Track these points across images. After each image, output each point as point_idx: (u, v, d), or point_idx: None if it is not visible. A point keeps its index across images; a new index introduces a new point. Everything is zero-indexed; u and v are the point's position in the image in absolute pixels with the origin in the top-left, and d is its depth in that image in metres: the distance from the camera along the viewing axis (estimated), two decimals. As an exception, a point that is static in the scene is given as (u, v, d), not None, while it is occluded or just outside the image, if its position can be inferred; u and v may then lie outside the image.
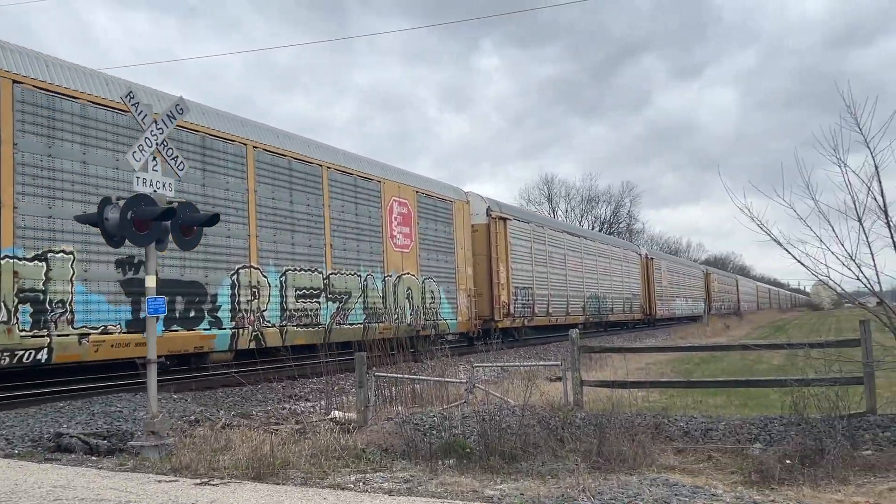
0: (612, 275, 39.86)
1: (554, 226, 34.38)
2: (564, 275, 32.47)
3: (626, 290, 42.55)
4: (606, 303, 38.22)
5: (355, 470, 6.69)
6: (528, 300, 27.89)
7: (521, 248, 27.70)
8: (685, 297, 58.72)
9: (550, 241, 31.25)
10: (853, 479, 6.12)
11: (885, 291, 8.37)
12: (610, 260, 40.08)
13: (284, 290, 15.78)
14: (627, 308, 42.35)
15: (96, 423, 9.83)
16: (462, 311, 23.47)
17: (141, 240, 7.94)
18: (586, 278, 35.51)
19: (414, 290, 20.73)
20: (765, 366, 16.78)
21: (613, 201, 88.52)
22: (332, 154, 18.39)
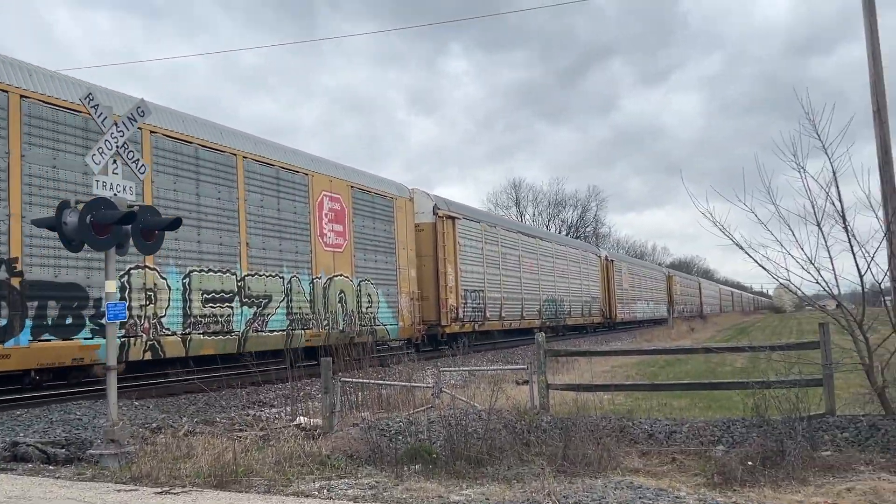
0: (570, 277, 38.59)
1: (507, 226, 32.50)
2: (519, 277, 31.05)
3: (585, 292, 41.26)
4: (564, 306, 36.87)
5: (320, 477, 6.63)
6: (480, 304, 26.55)
7: (471, 249, 26.35)
8: (647, 299, 57.67)
9: (504, 241, 29.91)
10: (813, 480, 6.21)
11: (843, 294, 8.54)
12: (568, 262, 38.70)
13: (188, 294, 14.06)
14: (586, 311, 41.02)
15: (54, 432, 9.62)
16: (404, 315, 21.88)
17: (101, 244, 7.79)
18: (543, 281, 34.08)
19: (348, 293, 19.13)
20: (728, 368, 17.00)
21: (580, 205, 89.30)
22: (250, 142, 16.56)
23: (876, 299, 9.19)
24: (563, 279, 37.33)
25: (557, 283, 36.22)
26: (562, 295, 36.71)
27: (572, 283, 38.93)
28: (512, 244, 30.78)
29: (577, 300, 39.48)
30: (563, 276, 37.41)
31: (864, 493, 5.75)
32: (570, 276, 38.80)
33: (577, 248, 42.41)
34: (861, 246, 8.07)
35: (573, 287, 39.08)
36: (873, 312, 8.35)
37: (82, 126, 12.25)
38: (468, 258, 25.98)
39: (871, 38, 11.01)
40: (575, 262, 40.04)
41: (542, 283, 33.85)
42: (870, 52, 10.98)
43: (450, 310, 23.91)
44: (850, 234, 8.05)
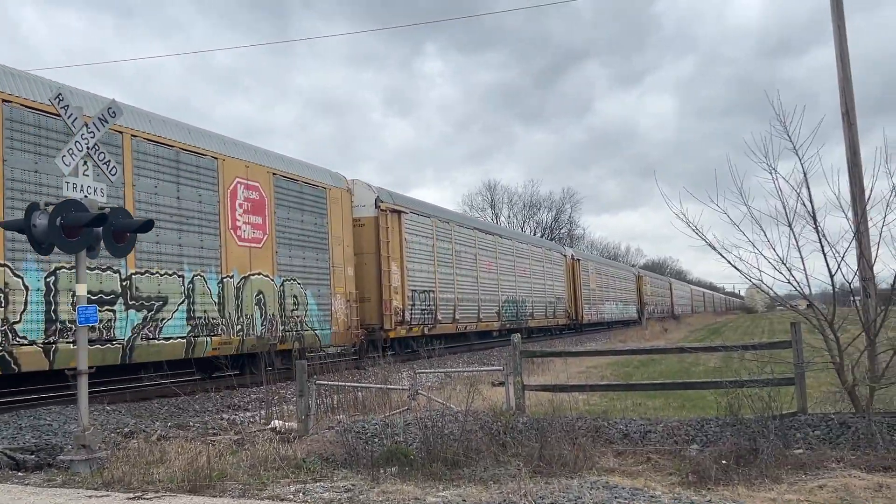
0: (533, 277, 36.33)
1: (462, 222, 29.73)
2: (475, 277, 28.76)
3: (549, 293, 38.93)
4: (526, 307, 34.62)
5: (295, 480, 6.58)
6: (430, 305, 24.22)
7: (420, 246, 24.17)
8: (616, 300, 55.79)
9: (458, 238, 27.57)
10: (786, 478, 6.29)
11: (814, 294, 8.65)
12: (530, 261, 36.35)
13: (54, 296, 11.79)
14: (550, 313, 38.69)
15: (24, 438, 9.45)
16: (339, 319, 19.35)
17: (71, 247, 7.67)
18: (502, 280, 32.00)
19: (268, 293, 16.62)
20: (702, 368, 17.16)
21: (555, 207, 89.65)
22: (142, 119, 14.17)
23: (846, 299, 9.33)
24: (525, 279, 35.19)
25: (519, 283, 34.12)
26: (523, 295, 34.54)
27: (535, 283, 36.79)
28: (467, 241, 28.60)
29: (541, 301, 37.36)
30: (525, 275, 35.25)
31: (835, 489, 5.83)
32: (534, 275, 36.66)
33: (540, 246, 40.00)
34: (832, 246, 8.19)
35: (536, 287, 36.89)
36: (843, 312, 8.47)
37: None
38: (417, 256, 23.91)
39: (839, 41, 11.17)
40: (538, 260, 37.81)
41: (501, 282, 31.86)
42: (838, 55, 11.14)
43: (394, 312, 21.71)
44: (820, 235, 8.16)
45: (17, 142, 11.56)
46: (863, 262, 9.13)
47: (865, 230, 9.55)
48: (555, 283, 40.25)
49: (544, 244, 42.88)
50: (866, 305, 9.06)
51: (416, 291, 23.45)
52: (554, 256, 41.40)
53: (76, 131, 7.90)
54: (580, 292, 44.66)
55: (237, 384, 13.38)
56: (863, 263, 9.11)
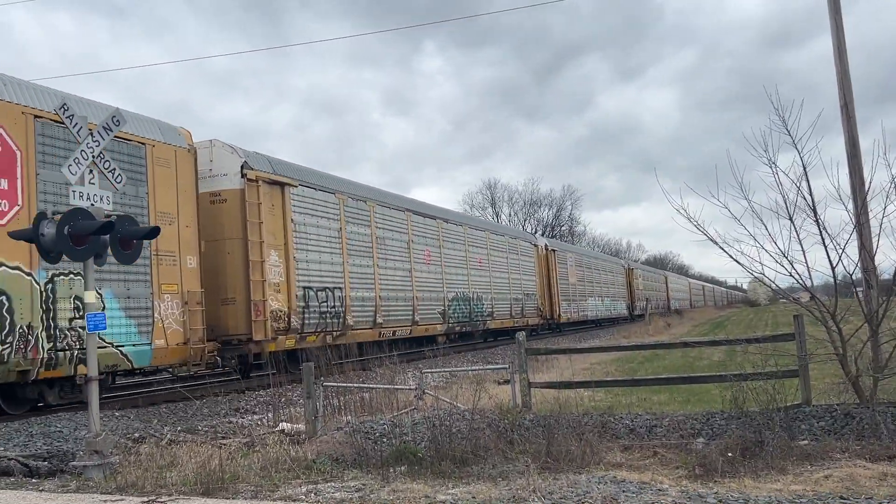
0: (493, 270, 30.69)
1: (387, 201, 23.18)
2: (408, 270, 23.06)
3: (515, 288, 33.25)
4: (482, 305, 29.07)
5: (306, 481, 6.65)
6: (336, 307, 18.68)
7: (319, 230, 18.51)
8: (601, 296, 50.01)
9: (383, 222, 21.99)
10: (791, 469, 6.35)
11: (816, 287, 8.71)
12: (489, 251, 30.56)
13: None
14: (517, 311, 33.20)
15: (35, 445, 9.54)
16: (167, 329, 13.83)
17: (79, 255, 7.75)
18: (450, 275, 26.25)
19: (17, 295, 11.15)
20: (706, 362, 17.24)
21: (555, 205, 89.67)
22: None
23: (848, 290, 9.40)
24: (481, 272, 29.51)
25: (473, 278, 28.53)
26: (480, 292, 29.01)
27: (497, 277, 31.18)
28: (397, 226, 22.94)
29: (504, 298, 31.87)
30: (481, 268, 29.59)
31: (841, 479, 5.90)
32: (494, 268, 30.99)
33: (502, 233, 34.07)
34: (832, 238, 8.26)
35: (498, 282, 31.34)
36: (846, 303, 8.54)
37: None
38: (314, 243, 18.34)
39: (836, 33, 11.23)
40: (500, 251, 32.17)
41: (448, 277, 26.13)
42: (836, 48, 11.20)
43: (274, 317, 16.25)
44: (821, 227, 8.23)
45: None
46: (864, 254, 9.19)
47: (866, 221, 9.61)
48: (522, 277, 34.53)
49: (508, 231, 36.95)
50: (868, 296, 9.12)
51: (313, 289, 17.81)
52: (522, 246, 35.40)
53: (81, 140, 7.97)
54: (556, 287, 38.75)
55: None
56: (864, 255, 9.17)
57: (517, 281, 33.83)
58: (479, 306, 28.97)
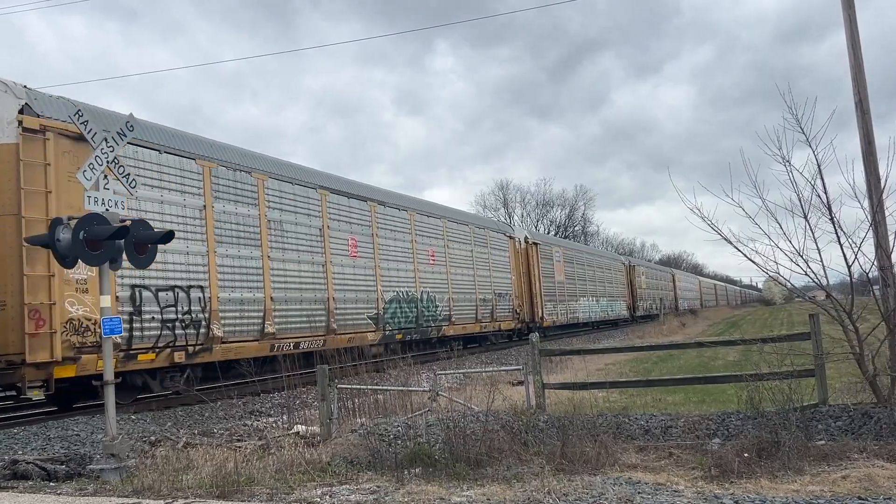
0: (451, 265, 25.77)
1: (288, 174, 17.84)
2: (323, 263, 18.30)
3: (483, 287, 28.08)
4: (435, 308, 24.13)
5: (321, 483, 6.67)
6: (193, 312, 14.09)
7: (164, 208, 13.85)
8: (596, 295, 44.78)
9: (279, 201, 17.04)
10: (808, 469, 6.31)
11: (832, 285, 8.65)
12: (446, 242, 25.68)
13: None
14: (485, 314, 28.02)
15: (53, 448, 9.63)
16: None
17: (94, 259, 7.82)
18: (387, 270, 21.50)
19: None
20: (721, 362, 17.15)
21: (568, 205, 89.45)
22: None
23: (864, 289, 9.32)
24: (435, 267, 24.61)
25: (423, 274, 23.68)
26: (432, 290, 24.11)
27: (458, 274, 26.14)
28: (302, 207, 17.90)
29: (467, 298, 26.77)
30: (434, 262, 24.63)
31: (858, 479, 5.85)
32: (454, 263, 25.98)
33: (466, 222, 28.31)
34: (848, 236, 8.20)
35: (460, 279, 26.25)
36: (862, 302, 8.47)
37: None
38: (154, 224, 12.99)
39: (850, 28, 11.14)
40: (462, 242, 27.09)
41: (383, 273, 21.30)
42: (850, 43, 11.11)
43: (73, 328, 11.74)
44: (836, 225, 8.17)
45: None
46: (880, 252, 9.10)
47: (882, 219, 9.52)
48: (493, 274, 29.36)
49: (475, 220, 30.54)
50: (885, 294, 9.04)
51: (149, 288, 13.27)
52: (493, 238, 30.22)
53: (96, 146, 8.04)
54: (538, 286, 33.74)
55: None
56: (880, 252, 9.09)
57: (485, 278, 28.61)
58: (432, 309, 23.88)
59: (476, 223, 29.64)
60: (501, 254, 30.91)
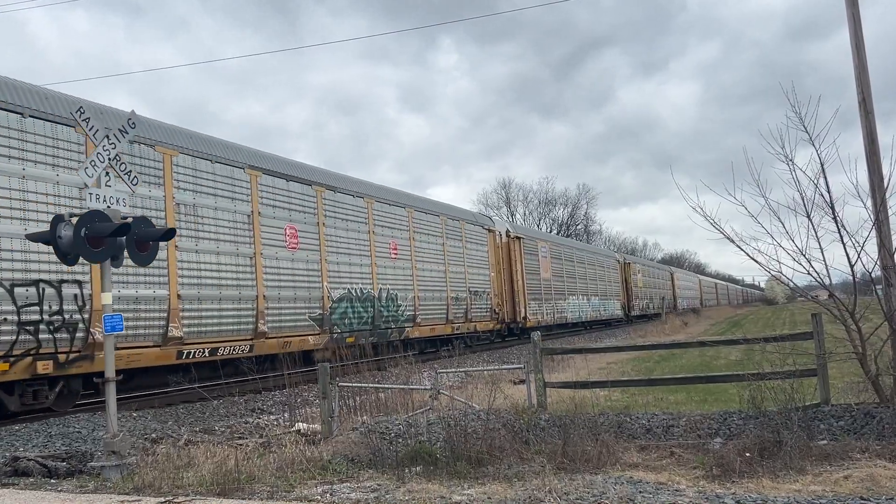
0: (418, 260, 23.25)
1: (204, 149, 15.15)
2: (251, 255, 15.74)
3: (456, 284, 25.61)
4: (397, 307, 21.56)
5: (322, 481, 6.67)
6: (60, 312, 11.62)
7: (13, 183, 11.27)
8: (587, 294, 42.30)
9: (193, 181, 14.54)
10: (810, 469, 6.29)
11: (834, 284, 8.62)
12: (412, 234, 23.13)
13: None
14: (458, 314, 25.46)
15: (54, 445, 9.63)
16: None
17: (96, 256, 7.81)
18: (336, 264, 18.85)
19: None
20: (723, 361, 17.12)
21: (570, 203, 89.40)
22: None
23: (867, 288, 9.30)
24: (398, 262, 22.05)
25: (383, 269, 21.17)
26: (394, 288, 21.58)
27: (426, 270, 23.68)
28: (225, 189, 15.34)
29: (436, 297, 24.23)
30: (398, 257, 22.10)
31: (861, 479, 5.83)
32: (420, 257, 23.49)
33: (436, 212, 25.53)
34: (851, 236, 8.18)
35: (428, 275, 23.83)
36: (865, 302, 8.44)
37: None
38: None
39: (854, 27, 11.11)
40: (433, 235, 24.65)
41: (331, 267, 18.66)
42: (853, 42, 11.08)
43: None
44: (839, 225, 8.15)
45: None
46: (883, 251, 9.08)
47: (885, 218, 9.49)
48: (469, 270, 26.88)
49: (447, 211, 26.99)
50: (888, 294, 9.01)
51: (7, 284, 10.97)
52: (469, 231, 27.56)
53: (97, 143, 8.03)
54: (521, 283, 31.25)
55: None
56: (883, 252, 9.07)
57: (459, 275, 25.96)
58: (392, 308, 21.35)
59: (449, 214, 26.65)
60: (479, 248, 28.37)
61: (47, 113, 11.93)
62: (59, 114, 12.08)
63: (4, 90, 11.44)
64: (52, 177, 11.86)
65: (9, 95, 11.45)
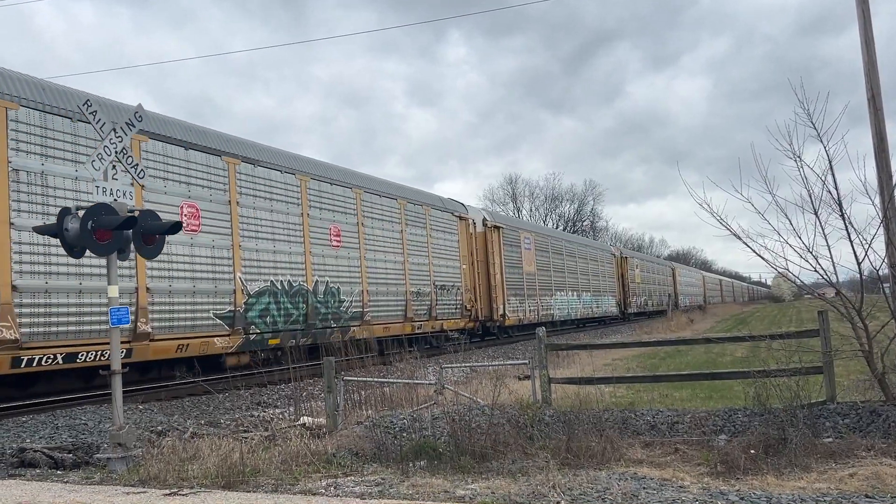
0: (368, 248, 20.27)
1: (52, 104, 12.13)
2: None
3: (418, 277, 22.88)
4: (338, 303, 18.54)
5: (326, 475, 6.68)
6: None
7: None
8: (577, 290, 39.44)
9: (38, 143, 11.81)
10: (815, 467, 6.27)
11: (841, 282, 8.59)
12: (361, 219, 20.10)
13: None
14: (421, 311, 22.67)
15: (61, 437, 9.68)
16: None
17: (102, 249, 7.84)
18: (256, 251, 16.09)
19: None
20: (728, 358, 17.08)
21: (577, 200, 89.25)
22: None
23: (874, 286, 9.26)
24: (341, 251, 19.05)
25: (321, 259, 18.19)
26: (336, 280, 18.63)
27: (378, 261, 20.78)
28: (81, 154, 12.23)
29: (392, 291, 21.36)
30: (341, 245, 19.12)
31: (866, 478, 5.81)
32: (374, 245, 20.68)
33: (394, 196, 22.46)
34: (858, 233, 8.14)
35: (381, 267, 20.91)
36: (872, 299, 8.41)
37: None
38: None
39: (864, 24, 11.06)
40: (389, 220, 21.77)
41: (250, 255, 15.91)
42: (863, 40, 11.03)
43: None
44: (846, 222, 8.11)
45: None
46: (891, 249, 9.05)
47: (893, 216, 9.46)
48: (434, 262, 24.12)
49: (409, 194, 23.78)
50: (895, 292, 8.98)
51: None
52: (435, 217, 24.70)
53: (104, 136, 8.05)
54: (500, 277, 28.50)
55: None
56: (891, 250, 9.03)
57: (421, 266, 23.18)
58: (333, 304, 18.43)
59: (410, 197, 23.50)
60: (447, 237, 25.31)
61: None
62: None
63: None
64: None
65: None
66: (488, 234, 28.46)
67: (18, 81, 11.90)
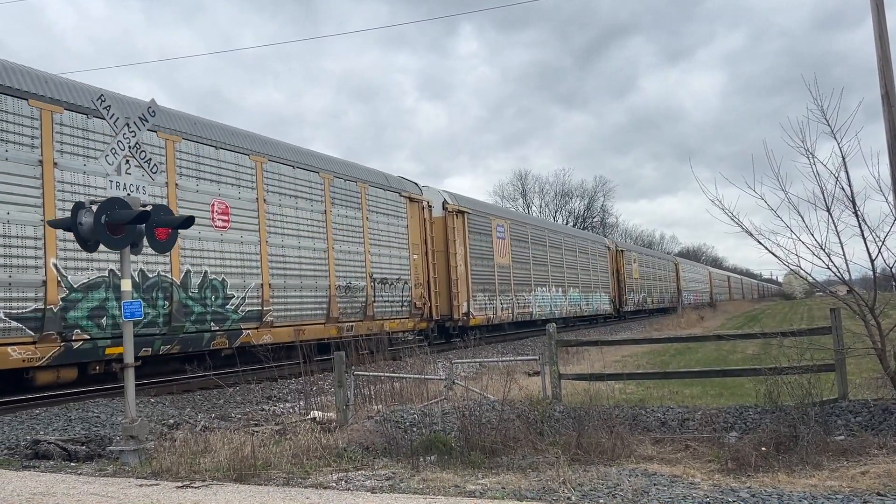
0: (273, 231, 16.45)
1: None
2: None
3: (350, 268, 19.12)
4: (222, 300, 14.83)
5: (337, 469, 6.71)
6: None
7: None
8: (562, 285, 35.54)
9: None
10: (827, 464, 6.26)
11: (854, 280, 8.55)
12: (262, 193, 16.24)
13: None
14: (349, 310, 18.83)
15: (74, 429, 9.76)
16: None
17: (116, 243, 7.88)
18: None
19: None
20: (739, 355, 17.03)
21: (587, 196, 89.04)
22: None
23: (887, 284, 9.21)
24: (228, 234, 15.23)
25: (197, 243, 14.48)
26: (219, 270, 14.93)
27: (286, 247, 16.89)
28: None
29: (308, 285, 17.51)
30: (229, 226, 15.31)
31: (878, 476, 5.79)
32: (282, 228, 16.79)
33: (316, 168, 18.39)
34: (871, 230, 8.09)
35: (292, 254, 17.09)
36: (885, 297, 8.37)
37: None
38: None
39: (878, 19, 10.98)
40: (306, 198, 17.81)
41: (66, 236, 11.24)
42: (877, 34, 10.95)
43: None
44: (860, 219, 8.06)
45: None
46: (904, 247, 8.98)
47: (907, 214, 9.39)
48: (372, 250, 20.33)
49: (335, 167, 19.56)
50: (908, 290, 8.94)
51: None
52: (374, 197, 20.74)
53: (118, 131, 8.10)
54: (463, 269, 24.84)
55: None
56: (904, 248, 8.97)
57: (353, 255, 19.37)
58: (215, 302, 14.73)
59: (339, 172, 19.35)
60: (392, 221, 21.43)
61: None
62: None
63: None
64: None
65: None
66: (449, 220, 24.46)
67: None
